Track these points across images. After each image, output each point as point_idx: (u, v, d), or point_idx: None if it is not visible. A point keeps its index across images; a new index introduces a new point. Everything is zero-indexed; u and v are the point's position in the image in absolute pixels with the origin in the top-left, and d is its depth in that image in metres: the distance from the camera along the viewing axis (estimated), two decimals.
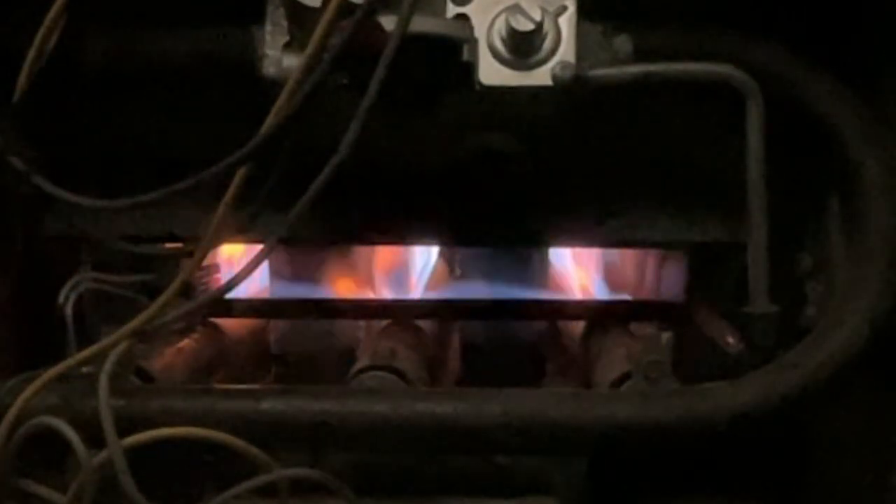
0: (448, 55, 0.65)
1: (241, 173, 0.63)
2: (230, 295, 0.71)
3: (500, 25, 0.65)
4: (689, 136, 0.81)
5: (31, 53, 0.66)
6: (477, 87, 0.66)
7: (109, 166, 0.80)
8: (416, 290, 1.18)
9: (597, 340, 1.00)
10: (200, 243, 0.66)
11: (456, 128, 0.76)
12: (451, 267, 1.20)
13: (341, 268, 1.16)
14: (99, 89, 0.76)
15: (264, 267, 1.00)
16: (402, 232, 0.86)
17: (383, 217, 0.84)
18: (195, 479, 0.73)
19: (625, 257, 1.19)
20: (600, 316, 1.07)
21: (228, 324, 1.05)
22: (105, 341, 0.67)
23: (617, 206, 0.84)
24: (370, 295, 1.16)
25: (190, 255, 0.68)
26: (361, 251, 1.16)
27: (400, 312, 1.07)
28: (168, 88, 0.77)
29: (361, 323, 1.10)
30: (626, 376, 0.79)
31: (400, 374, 0.84)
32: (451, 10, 0.66)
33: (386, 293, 1.17)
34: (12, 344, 0.83)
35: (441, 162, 0.79)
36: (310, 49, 0.61)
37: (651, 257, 1.13)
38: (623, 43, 0.69)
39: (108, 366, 0.66)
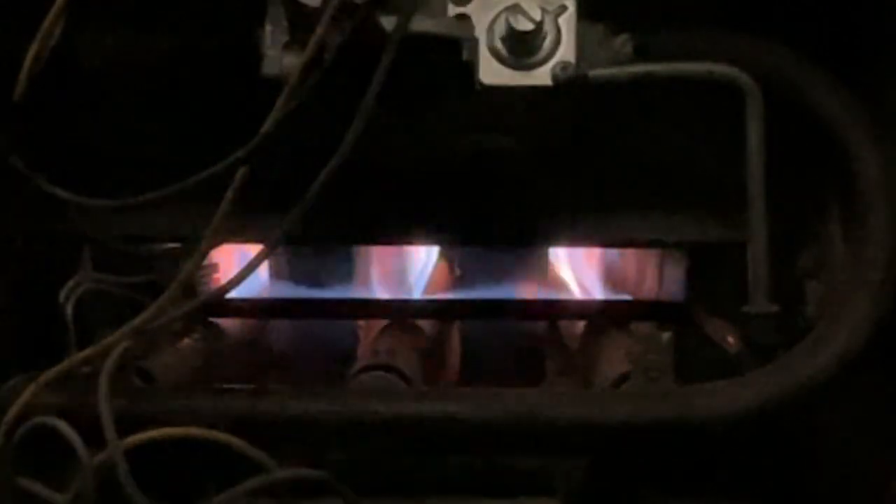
0: (448, 55, 0.65)
1: (241, 173, 0.63)
2: (230, 295, 0.71)
3: (500, 25, 0.65)
4: (688, 136, 0.81)
5: (31, 53, 0.66)
6: (477, 87, 0.66)
7: (109, 166, 0.80)
8: (416, 290, 1.18)
9: (597, 340, 1.00)
10: (200, 243, 0.66)
11: (456, 128, 0.76)
12: (451, 267, 1.20)
13: (341, 267, 1.16)
14: (98, 89, 0.76)
15: (264, 267, 1.00)
16: (402, 232, 0.86)
17: (383, 217, 0.84)
18: (195, 479, 0.73)
19: (625, 257, 1.19)
20: (600, 316, 1.07)
21: (228, 324, 1.05)
22: (105, 341, 0.67)
23: (617, 206, 0.84)
24: (370, 295, 1.16)
25: (190, 255, 0.68)
26: (361, 251, 1.16)
27: (400, 312, 1.07)
28: (167, 88, 0.76)
29: (361, 323, 1.10)
30: (626, 376, 0.80)
31: (400, 374, 0.84)
32: (451, 10, 0.66)
33: (386, 293, 1.17)
34: (12, 344, 0.83)
35: (441, 162, 0.79)
36: (310, 49, 0.61)
37: (651, 257, 1.13)
38: (623, 43, 0.69)
39: (108, 366, 0.66)
